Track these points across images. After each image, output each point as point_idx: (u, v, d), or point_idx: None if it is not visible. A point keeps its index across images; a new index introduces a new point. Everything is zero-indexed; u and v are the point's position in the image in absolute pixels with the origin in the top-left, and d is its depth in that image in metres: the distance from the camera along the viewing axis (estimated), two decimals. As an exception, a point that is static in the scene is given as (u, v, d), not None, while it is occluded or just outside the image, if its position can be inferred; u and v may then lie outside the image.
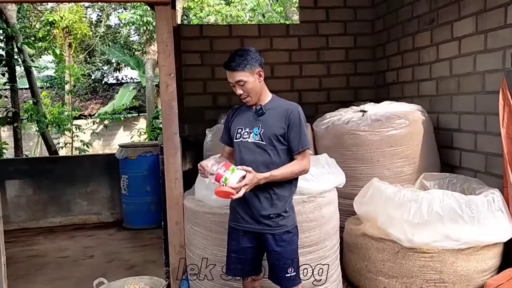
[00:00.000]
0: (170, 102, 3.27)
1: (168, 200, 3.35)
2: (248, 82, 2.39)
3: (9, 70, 8.06)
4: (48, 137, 9.27)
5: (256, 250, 2.54)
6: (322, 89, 6.27)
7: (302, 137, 2.41)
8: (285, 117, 2.41)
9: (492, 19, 3.86)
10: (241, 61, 2.38)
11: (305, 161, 2.44)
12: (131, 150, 6.01)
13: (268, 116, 2.44)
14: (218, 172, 2.26)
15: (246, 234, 2.51)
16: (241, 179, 2.25)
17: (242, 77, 2.38)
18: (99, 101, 17.25)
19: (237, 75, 2.38)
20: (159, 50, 3.24)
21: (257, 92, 2.44)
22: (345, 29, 6.23)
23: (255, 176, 2.29)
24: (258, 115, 2.45)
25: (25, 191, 6.26)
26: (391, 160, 4.13)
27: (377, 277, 3.38)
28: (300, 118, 2.43)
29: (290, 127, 2.40)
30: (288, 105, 2.47)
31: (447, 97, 4.59)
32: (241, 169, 2.28)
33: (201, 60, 6.02)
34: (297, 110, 2.44)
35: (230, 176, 2.24)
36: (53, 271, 4.50)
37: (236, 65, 2.38)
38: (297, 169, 2.43)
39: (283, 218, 2.45)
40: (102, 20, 16.34)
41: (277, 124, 2.41)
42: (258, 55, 2.45)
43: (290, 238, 2.48)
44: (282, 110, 2.44)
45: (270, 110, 2.45)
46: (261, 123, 2.44)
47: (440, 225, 3.12)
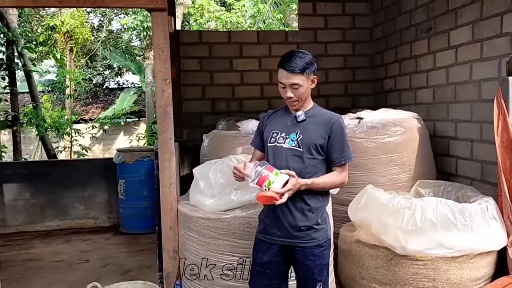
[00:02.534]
0: (165, 107, 3.28)
1: (163, 205, 3.36)
2: (302, 86, 2.30)
3: (9, 74, 8.09)
4: (47, 141, 9.29)
5: (282, 264, 2.43)
6: (320, 95, 6.27)
7: (345, 149, 2.35)
8: (328, 127, 2.32)
9: (488, 28, 3.88)
10: (301, 64, 2.29)
11: (345, 173, 2.38)
12: (128, 155, 6.02)
13: (308, 123, 2.35)
14: (261, 174, 2.14)
15: (274, 246, 2.40)
16: (285, 183, 2.15)
17: (298, 81, 2.29)
18: (100, 106, 17.30)
19: (294, 77, 2.28)
20: (155, 56, 3.26)
21: (307, 97, 2.38)
22: (343, 36, 6.27)
23: (298, 181, 2.19)
24: (298, 121, 2.36)
25: (23, 195, 6.27)
26: (386, 167, 4.13)
27: (371, 284, 3.37)
28: (343, 129, 2.36)
29: (332, 138, 2.31)
30: (331, 115, 2.39)
31: (443, 105, 4.61)
32: (285, 173, 2.18)
33: (200, 65, 6.05)
34: (340, 121, 2.36)
35: (275, 180, 2.13)
36: (48, 275, 4.50)
37: (296, 67, 2.28)
38: (338, 181, 2.36)
39: (315, 231, 2.35)
40: (104, 25, 16.42)
41: (318, 133, 2.32)
42: (315, 62, 2.37)
43: (321, 253, 2.36)
44: (324, 119, 2.35)
45: (311, 117, 2.37)
46: (300, 130, 2.34)
47: (434, 232, 3.12)
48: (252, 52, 6.12)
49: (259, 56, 6.14)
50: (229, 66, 6.08)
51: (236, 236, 3.00)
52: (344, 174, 2.38)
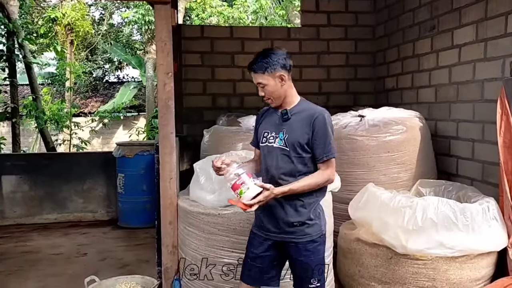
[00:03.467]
0: (167, 101, 3.25)
1: (162, 200, 3.34)
2: (268, 85, 2.30)
3: (9, 66, 8.06)
4: (47, 134, 9.26)
5: (275, 258, 2.43)
6: (321, 93, 6.27)
7: (326, 144, 2.27)
8: (310, 122, 2.28)
9: (493, 28, 3.86)
10: (262, 64, 2.29)
11: (329, 171, 2.31)
12: (128, 149, 5.99)
13: (293, 121, 2.32)
14: (235, 182, 2.20)
15: (267, 241, 2.41)
16: (256, 195, 2.18)
17: (261, 80, 2.30)
18: (99, 99, 17.25)
19: (257, 77, 2.31)
20: (157, 49, 3.23)
21: (279, 95, 2.34)
22: (346, 34, 6.24)
23: (272, 192, 2.19)
24: (283, 119, 2.34)
25: (21, 187, 6.25)
26: (387, 165, 4.12)
27: (370, 283, 3.36)
28: (326, 124, 2.28)
29: (315, 134, 2.27)
30: (314, 110, 2.33)
31: (445, 104, 4.59)
32: (259, 185, 2.19)
33: (202, 60, 6.02)
34: (323, 116, 2.29)
35: (246, 191, 2.18)
36: (45, 267, 4.48)
37: (257, 68, 2.30)
38: (320, 181, 2.29)
39: (308, 226, 2.33)
40: (104, 19, 16.35)
41: (302, 130, 2.29)
42: (283, 57, 2.31)
43: (315, 248, 2.35)
44: (307, 115, 2.30)
45: (296, 114, 2.33)
46: (286, 128, 2.32)
47: (434, 232, 3.11)
48: (254, 48, 6.05)
49: (261, 52, 6.10)
50: (230, 62, 6.06)
51: (236, 232, 2.98)
52: (328, 171, 2.31)
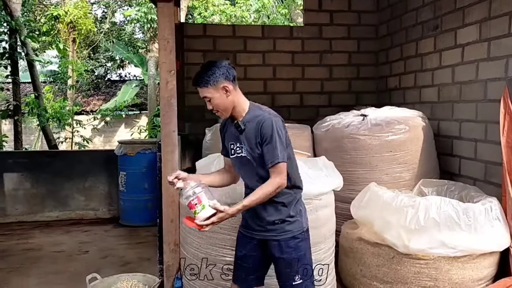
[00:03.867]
0: (169, 99, 3.26)
1: (164, 198, 3.34)
2: (214, 98, 2.28)
3: (11, 63, 8.06)
4: (49, 131, 9.27)
5: (260, 259, 2.47)
6: (324, 92, 6.26)
7: (271, 150, 2.22)
8: (258, 130, 2.26)
9: (496, 27, 3.84)
10: (204, 78, 2.27)
11: (278, 178, 2.25)
12: (130, 147, 6.00)
13: (247, 131, 2.32)
14: (190, 202, 2.23)
15: (253, 241, 2.45)
16: (210, 216, 2.21)
17: (206, 94, 2.28)
18: (101, 98, 17.26)
19: (202, 91, 2.29)
20: (160, 47, 3.23)
21: (226, 106, 2.31)
22: (348, 33, 6.23)
23: (227, 213, 2.20)
24: (239, 132, 2.35)
25: (23, 184, 6.25)
26: (390, 165, 4.12)
27: (372, 282, 3.36)
28: (272, 128, 2.23)
29: (263, 141, 2.25)
30: (261, 116, 2.28)
31: (448, 104, 4.58)
32: (212, 207, 2.20)
33: (204, 59, 5.99)
34: (270, 121, 2.25)
35: (200, 212, 2.21)
36: (47, 265, 4.49)
37: (199, 82, 2.28)
38: (270, 190, 2.25)
39: (289, 223, 2.36)
40: (107, 17, 16.35)
41: (254, 140, 2.29)
42: (225, 69, 2.28)
43: (296, 244, 2.37)
44: (256, 122, 2.28)
45: (248, 124, 2.32)
46: (244, 139, 2.34)
47: (437, 232, 3.10)
48: (256, 47, 6.08)
49: (263, 51, 6.11)
50: (232, 60, 6.04)
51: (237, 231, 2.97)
52: (277, 178, 2.25)
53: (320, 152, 4.36)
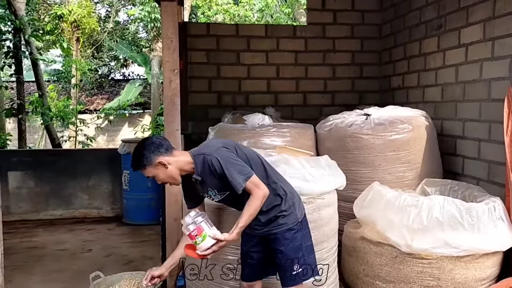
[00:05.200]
0: (173, 98, 3.27)
1: (168, 197, 3.35)
2: (156, 175, 2.37)
3: (15, 62, 8.10)
4: (52, 130, 9.31)
5: (262, 254, 2.60)
6: (327, 91, 6.25)
7: (233, 179, 2.30)
8: (210, 170, 2.35)
9: (500, 27, 3.83)
10: (137, 162, 2.36)
11: (257, 190, 2.33)
12: (133, 146, 5.93)
13: (205, 179, 2.40)
14: (190, 233, 2.31)
15: (253, 239, 2.59)
16: (211, 246, 2.30)
17: (148, 174, 2.37)
18: (105, 97, 17.31)
19: (143, 173, 2.37)
20: (163, 46, 3.24)
21: (173, 177, 2.39)
22: (352, 32, 6.22)
23: (227, 241, 2.32)
24: (200, 184, 2.44)
25: (27, 183, 6.28)
26: (393, 164, 4.11)
27: (375, 282, 3.36)
28: (220, 163, 2.32)
29: (220, 175, 2.34)
30: (205, 160, 2.36)
31: (452, 103, 4.56)
32: (213, 237, 2.30)
33: (207, 58, 6.01)
34: (214, 159, 2.33)
35: (200, 242, 2.30)
36: (51, 263, 4.51)
37: (135, 167, 2.38)
38: (257, 204, 2.34)
39: (283, 217, 2.50)
40: (110, 16, 16.39)
41: (215, 180, 2.38)
42: (153, 146, 2.35)
43: (293, 236, 2.50)
44: (206, 167, 2.36)
45: (202, 174, 2.39)
46: (208, 186, 2.44)
47: (440, 231, 3.09)
48: (260, 46, 6.08)
49: (267, 50, 6.10)
50: (236, 59, 6.05)
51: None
52: (256, 191, 2.33)
53: (323, 152, 4.35)
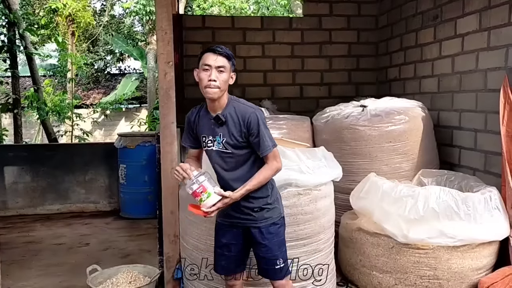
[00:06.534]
0: (168, 90, 3.24)
1: (164, 189, 3.34)
2: (225, 73, 2.38)
3: (10, 57, 8.04)
4: (48, 125, 9.26)
5: (240, 247, 2.55)
6: (323, 83, 6.24)
7: (263, 141, 2.37)
8: (244, 123, 2.37)
9: (496, 17, 3.82)
10: (229, 53, 2.41)
11: (275, 162, 2.42)
12: (129, 140, 5.99)
13: (227, 124, 2.40)
14: (195, 190, 2.30)
15: (232, 229, 2.53)
16: (216, 202, 2.30)
17: (223, 63, 2.37)
18: (101, 91, 17.23)
19: (222, 60, 2.37)
20: (157, 38, 3.21)
21: (225, 88, 2.40)
22: (348, 23, 6.20)
23: (231, 198, 2.33)
24: (218, 125, 2.42)
25: (24, 178, 6.26)
26: (389, 155, 4.11)
27: (371, 272, 3.37)
28: (258, 122, 2.37)
29: (251, 133, 2.37)
30: (245, 109, 2.41)
31: (448, 94, 4.56)
32: (218, 193, 2.31)
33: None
34: (255, 115, 2.38)
35: (206, 199, 2.29)
36: (48, 257, 4.51)
37: (225, 52, 2.39)
38: (270, 174, 2.42)
39: (268, 210, 2.48)
40: (106, 9, 16.28)
41: (237, 131, 2.39)
42: None
43: (277, 230, 2.49)
44: (240, 116, 2.39)
45: (229, 117, 2.41)
46: (222, 132, 2.41)
47: (436, 221, 3.10)
48: (256, 38, 6.06)
49: (263, 43, 6.09)
50: (232, 52, 6.01)
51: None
52: (274, 163, 2.42)
53: (319, 143, 4.34)
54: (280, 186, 2.95)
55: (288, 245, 2.74)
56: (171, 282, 3.36)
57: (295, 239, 2.99)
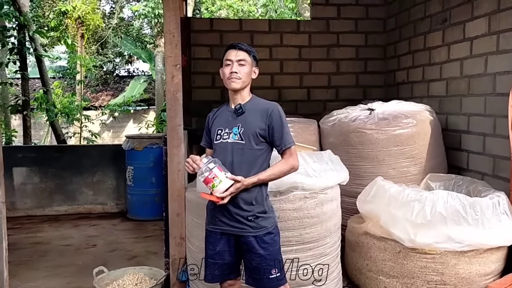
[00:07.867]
0: (175, 93, 3.26)
1: (170, 192, 3.35)
2: (246, 66, 2.45)
3: (20, 59, 8.11)
4: (57, 126, 9.33)
5: (233, 253, 2.48)
6: (331, 86, 6.23)
7: (284, 135, 2.42)
8: (266, 116, 2.42)
9: (506, 20, 3.79)
10: (250, 49, 2.50)
11: (292, 158, 2.45)
12: (137, 142, 6.02)
13: (247, 115, 2.44)
14: (207, 176, 2.29)
15: (224, 236, 2.46)
16: (228, 188, 2.29)
17: (244, 57, 2.45)
18: (110, 93, 17.34)
19: (243, 54, 2.45)
20: (165, 41, 3.23)
21: (247, 81, 2.47)
22: (356, 26, 6.18)
23: (243, 183, 2.32)
24: (237, 114, 2.45)
25: (32, 179, 6.32)
26: (397, 159, 4.08)
27: (378, 277, 3.35)
28: (280, 116, 2.44)
29: (272, 127, 2.41)
30: (268, 104, 2.48)
31: (456, 98, 4.53)
32: (230, 178, 2.30)
33: (211, 53, 6.00)
34: (277, 109, 2.45)
35: (218, 185, 2.28)
36: (55, 258, 4.54)
37: (246, 48, 2.48)
38: (285, 169, 2.44)
39: (263, 219, 2.42)
40: (115, 12, 16.39)
41: (256, 123, 2.42)
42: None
43: (272, 239, 2.45)
44: (262, 109, 2.45)
45: (250, 109, 2.46)
46: (241, 123, 2.44)
47: (443, 226, 3.07)
48: (263, 41, 6.06)
49: (270, 45, 6.08)
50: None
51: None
52: (291, 159, 2.45)
53: (326, 147, 4.34)
54: (286, 189, 2.95)
55: (294, 248, 2.76)
56: (177, 285, 3.36)
57: (301, 243, 2.98)
